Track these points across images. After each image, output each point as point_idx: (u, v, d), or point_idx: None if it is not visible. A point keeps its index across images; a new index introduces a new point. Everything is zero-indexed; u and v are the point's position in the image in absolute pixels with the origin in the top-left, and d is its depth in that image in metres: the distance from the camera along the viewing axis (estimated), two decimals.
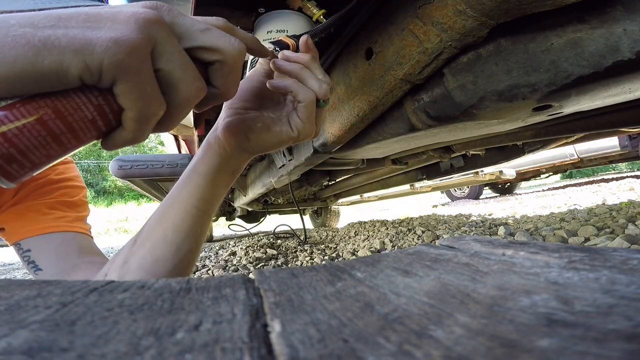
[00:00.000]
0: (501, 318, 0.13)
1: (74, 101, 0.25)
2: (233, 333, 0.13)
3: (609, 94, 0.50)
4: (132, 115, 0.27)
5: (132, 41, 0.24)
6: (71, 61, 0.23)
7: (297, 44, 0.44)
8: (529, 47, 0.45)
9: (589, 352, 0.10)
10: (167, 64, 0.27)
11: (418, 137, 0.78)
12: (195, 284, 0.21)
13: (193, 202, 0.41)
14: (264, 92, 0.43)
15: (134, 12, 0.25)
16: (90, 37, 0.24)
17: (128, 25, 0.24)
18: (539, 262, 0.19)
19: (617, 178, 4.59)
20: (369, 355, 0.11)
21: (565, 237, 1.28)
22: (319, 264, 0.26)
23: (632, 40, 0.40)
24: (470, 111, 0.57)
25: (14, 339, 0.13)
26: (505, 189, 5.02)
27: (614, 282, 0.15)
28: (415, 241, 1.77)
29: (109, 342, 0.13)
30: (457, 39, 0.48)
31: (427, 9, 0.47)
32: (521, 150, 1.35)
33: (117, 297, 0.18)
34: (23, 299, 0.18)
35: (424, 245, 0.29)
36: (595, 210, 1.85)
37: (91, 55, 0.23)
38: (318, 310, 0.15)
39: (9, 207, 0.55)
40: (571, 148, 3.87)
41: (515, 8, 0.41)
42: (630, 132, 1.18)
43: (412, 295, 0.17)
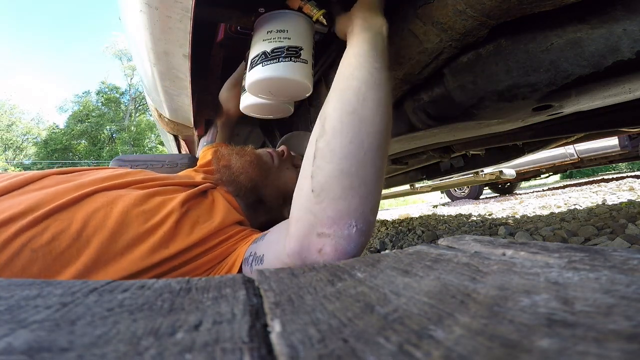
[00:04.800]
0: (501, 318, 0.13)
1: None
2: (233, 333, 0.13)
3: (609, 94, 0.50)
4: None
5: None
6: None
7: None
8: (529, 47, 0.45)
9: (589, 352, 0.10)
10: None
11: (418, 137, 0.78)
12: (195, 284, 0.21)
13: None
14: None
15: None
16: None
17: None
18: (539, 262, 0.19)
19: (617, 178, 4.59)
20: (369, 355, 0.11)
21: (565, 237, 1.28)
22: (319, 264, 0.26)
23: (632, 40, 0.40)
24: (470, 111, 0.57)
25: (14, 339, 0.13)
26: (505, 189, 5.02)
27: (614, 282, 0.15)
28: (415, 241, 1.77)
29: (109, 342, 0.13)
30: (457, 39, 0.48)
31: (427, 9, 0.47)
32: (521, 150, 1.35)
33: (117, 297, 0.18)
34: (23, 299, 0.18)
35: (424, 245, 0.29)
36: (595, 210, 1.85)
37: None
38: (318, 310, 0.15)
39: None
40: (571, 148, 3.87)
41: (515, 8, 0.41)
42: (630, 132, 1.18)
43: (412, 295, 0.17)
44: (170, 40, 0.50)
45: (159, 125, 1.20)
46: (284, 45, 0.52)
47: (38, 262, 0.38)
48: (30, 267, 0.37)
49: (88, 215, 0.42)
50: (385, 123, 0.39)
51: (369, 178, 0.38)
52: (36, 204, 0.41)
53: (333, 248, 0.37)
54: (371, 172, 0.38)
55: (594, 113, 0.81)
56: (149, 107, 1.87)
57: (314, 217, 0.38)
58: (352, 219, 0.37)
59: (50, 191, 0.45)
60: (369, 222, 0.38)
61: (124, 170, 0.57)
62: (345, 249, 0.37)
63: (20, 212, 0.40)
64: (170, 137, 1.40)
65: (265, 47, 0.52)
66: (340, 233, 0.37)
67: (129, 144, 19.98)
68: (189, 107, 0.77)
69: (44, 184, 0.48)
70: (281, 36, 0.52)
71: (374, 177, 0.38)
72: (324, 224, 0.37)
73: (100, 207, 0.44)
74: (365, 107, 0.39)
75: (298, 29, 0.53)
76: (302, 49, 0.52)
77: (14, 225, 0.38)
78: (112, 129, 21.21)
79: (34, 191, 0.45)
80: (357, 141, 0.38)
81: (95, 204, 0.44)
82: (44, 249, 0.38)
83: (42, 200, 0.42)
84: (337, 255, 0.37)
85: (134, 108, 22.16)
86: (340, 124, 0.38)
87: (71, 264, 0.39)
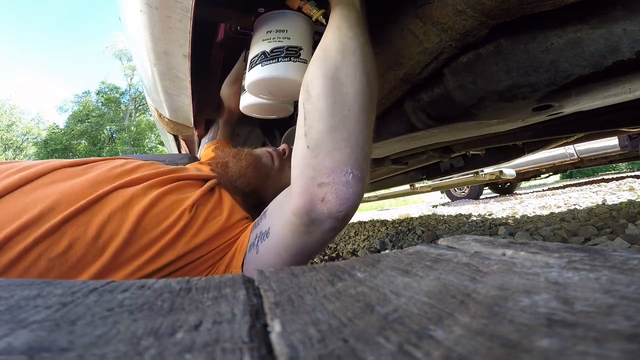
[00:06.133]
0: (501, 318, 0.13)
1: None
2: (233, 333, 0.13)
3: (609, 94, 0.50)
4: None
5: None
6: None
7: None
8: (529, 47, 0.45)
9: (589, 352, 0.10)
10: None
11: (418, 137, 0.78)
12: (195, 284, 0.21)
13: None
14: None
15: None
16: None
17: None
18: (539, 262, 0.19)
19: (617, 178, 4.59)
20: (369, 355, 0.11)
21: (565, 237, 1.28)
22: (319, 263, 0.25)
23: (632, 40, 0.40)
24: (470, 111, 0.57)
25: (14, 339, 0.13)
26: (505, 189, 5.02)
27: (614, 282, 0.15)
28: (415, 241, 1.77)
29: (109, 342, 0.13)
30: (457, 39, 0.48)
31: (427, 9, 0.47)
32: (521, 150, 1.35)
33: (117, 297, 0.18)
34: (23, 299, 0.18)
35: (424, 245, 0.29)
36: (595, 210, 1.85)
37: None
38: (318, 310, 0.15)
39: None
40: (571, 148, 3.86)
41: (515, 8, 0.41)
42: (630, 132, 1.18)
43: (412, 295, 0.17)
44: (170, 40, 0.50)
45: (159, 125, 1.20)
46: (283, 45, 0.52)
47: (54, 270, 0.38)
48: (46, 275, 0.38)
49: (104, 220, 0.43)
50: (364, 84, 0.43)
51: (357, 131, 0.41)
52: (51, 206, 0.41)
53: (334, 195, 0.40)
54: (358, 126, 0.41)
55: (594, 113, 0.81)
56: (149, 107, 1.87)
57: (313, 169, 0.41)
58: (348, 166, 0.40)
59: (65, 189, 0.44)
60: (363, 170, 0.41)
61: (136, 163, 0.57)
62: (345, 194, 0.40)
63: (35, 217, 0.39)
64: (170, 137, 1.40)
65: (264, 47, 0.52)
66: (339, 180, 0.40)
67: (129, 144, 19.97)
68: (189, 107, 0.77)
69: (55, 178, 0.47)
70: (281, 36, 0.52)
71: (362, 130, 0.42)
72: (322, 173, 0.40)
73: (117, 211, 0.44)
74: (342, 71, 0.42)
75: (297, 29, 0.53)
76: (302, 49, 0.52)
77: (31, 235, 0.38)
78: (112, 129, 21.20)
79: (46, 186, 0.45)
80: (340, 101, 0.41)
81: (111, 206, 0.45)
82: (60, 258, 0.39)
83: (58, 202, 0.42)
84: (339, 201, 0.40)
85: (134, 108, 22.15)
86: (323, 88, 0.42)
87: (86, 270, 0.39)
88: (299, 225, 0.42)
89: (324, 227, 0.42)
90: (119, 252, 0.41)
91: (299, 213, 0.41)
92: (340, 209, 0.40)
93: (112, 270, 0.41)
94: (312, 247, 0.44)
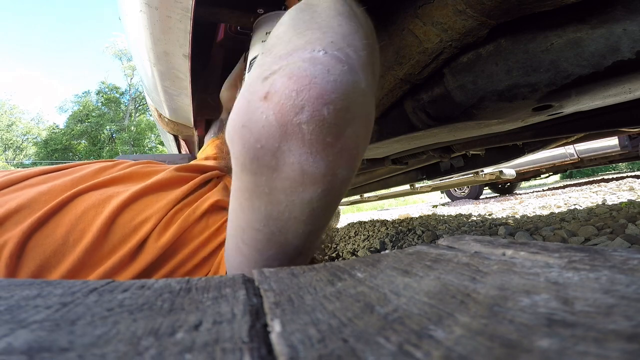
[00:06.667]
0: (501, 318, 0.13)
1: None
2: (233, 333, 0.13)
3: (609, 94, 0.50)
4: None
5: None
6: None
7: None
8: (529, 47, 0.45)
9: (589, 352, 0.10)
10: None
11: (418, 137, 0.78)
12: (195, 284, 0.21)
13: None
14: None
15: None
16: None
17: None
18: (539, 262, 0.19)
19: (617, 178, 4.58)
20: (369, 355, 0.11)
21: (565, 237, 1.28)
22: (319, 264, 0.25)
23: (632, 40, 0.40)
24: (470, 111, 0.57)
25: (14, 339, 0.13)
26: (505, 189, 5.02)
27: (614, 282, 0.15)
28: (415, 241, 1.77)
29: (109, 342, 0.13)
30: (457, 39, 0.48)
31: (427, 9, 0.47)
32: (521, 150, 1.35)
33: (117, 297, 0.18)
34: (23, 299, 0.18)
35: (424, 245, 0.29)
36: (595, 210, 1.85)
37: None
38: (318, 310, 0.15)
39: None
40: (571, 148, 3.87)
41: (515, 8, 0.41)
42: (630, 132, 1.18)
43: (412, 295, 0.17)
44: (170, 40, 0.50)
45: (159, 125, 1.20)
46: None
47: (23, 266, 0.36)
48: (16, 271, 0.36)
49: (76, 218, 0.40)
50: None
51: (334, 22, 0.28)
52: (27, 204, 0.40)
53: (286, 76, 0.24)
54: (336, 20, 0.28)
55: (594, 113, 0.81)
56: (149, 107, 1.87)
57: (260, 67, 0.26)
58: (317, 45, 0.25)
59: (44, 189, 0.43)
60: (347, 53, 0.25)
61: (127, 163, 0.54)
62: (306, 73, 0.23)
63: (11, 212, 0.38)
64: (170, 137, 1.40)
65: (263, 48, 0.52)
66: (298, 58, 0.24)
67: (129, 144, 19.97)
68: (189, 107, 0.77)
69: (38, 181, 0.46)
70: None
71: (342, 22, 0.29)
72: (272, 63, 0.25)
73: (91, 208, 0.42)
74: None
75: None
76: None
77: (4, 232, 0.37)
78: (112, 129, 21.20)
79: (26, 188, 0.44)
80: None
81: (85, 204, 0.42)
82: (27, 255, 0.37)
83: (35, 200, 0.41)
84: (292, 83, 0.23)
85: (134, 108, 22.15)
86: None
87: (55, 269, 0.37)
88: (242, 171, 0.27)
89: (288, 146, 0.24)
90: (90, 251, 0.38)
91: (230, 134, 0.26)
92: (299, 95, 0.22)
93: (82, 270, 0.38)
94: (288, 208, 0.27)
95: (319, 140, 0.24)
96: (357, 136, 0.26)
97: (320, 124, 0.23)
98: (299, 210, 0.27)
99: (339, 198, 0.29)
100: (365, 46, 0.28)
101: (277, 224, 0.28)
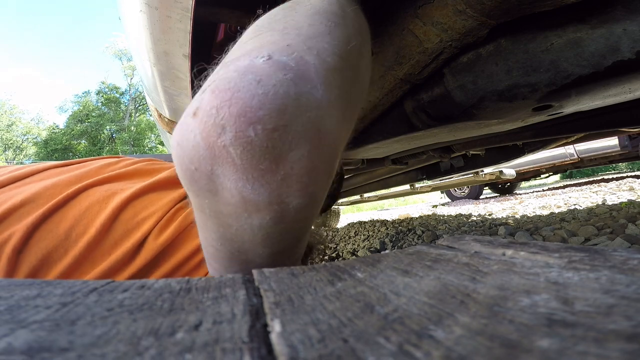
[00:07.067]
0: (501, 318, 0.13)
1: None
2: (233, 333, 0.13)
3: (609, 94, 0.50)
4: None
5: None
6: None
7: None
8: (529, 47, 0.45)
9: (589, 352, 0.10)
10: None
11: (418, 137, 0.78)
12: (195, 284, 0.21)
13: None
14: None
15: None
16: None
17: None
18: (539, 262, 0.19)
19: (617, 178, 4.59)
20: (369, 355, 0.11)
21: (565, 237, 1.28)
22: (319, 264, 0.25)
23: (632, 40, 0.40)
24: (470, 111, 0.57)
25: (14, 339, 0.13)
26: (505, 189, 5.02)
27: (614, 282, 0.15)
28: (415, 241, 1.77)
29: (109, 342, 0.13)
30: (457, 39, 0.48)
31: (427, 9, 0.47)
32: (521, 150, 1.35)
33: (117, 297, 0.18)
34: (23, 299, 0.18)
35: (424, 245, 0.29)
36: (595, 210, 1.85)
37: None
38: (318, 310, 0.15)
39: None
40: (571, 148, 3.87)
41: (515, 8, 0.41)
42: (630, 132, 1.18)
43: (412, 295, 0.17)
44: (170, 40, 0.50)
45: (159, 125, 1.20)
46: None
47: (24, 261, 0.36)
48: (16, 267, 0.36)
49: (80, 214, 0.40)
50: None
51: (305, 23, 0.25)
52: (31, 198, 0.40)
53: (210, 90, 0.21)
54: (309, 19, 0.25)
55: (594, 113, 0.81)
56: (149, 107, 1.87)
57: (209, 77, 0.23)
58: (265, 50, 0.22)
59: (49, 184, 0.43)
60: (302, 58, 0.22)
61: (130, 161, 0.54)
62: (229, 85, 0.20)
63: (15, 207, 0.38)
64: (170, 137, 1.40)
65: None
66: (233, 67, 0.21)
67: (129, 144, 19.97)
68: None
69: (43, 176, 0.46)
70: None
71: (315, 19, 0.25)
72: (215, 73, 0.23)
73: (94, 204, 0.42)
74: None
75: None
76: None
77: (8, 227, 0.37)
78: (112, 129, 21.21)
79: (32, 183, 0.44)
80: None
81: (89, 200, 0.42)
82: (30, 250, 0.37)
83: (39, 195, 0.41)
84: (214, 98, 0.20)
85: (134, 108, 22.15)
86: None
87: (56, 265, 0.37)
88: (187, 190, 0.24)
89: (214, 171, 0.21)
90: (92, 246, 0.38)
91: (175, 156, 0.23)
92: (219, 112, 0.19)
93: (84, 265, 0.38)
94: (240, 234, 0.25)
95: (252, 165, 0.20)
96: (309, 160, 0.21)
97: (249, 147, 0.20)
98: (251, 235, 0.24)
99: (300, 226, 0.26)
100: (337, 49, 0.25)
101: (234, 245, 0.26)
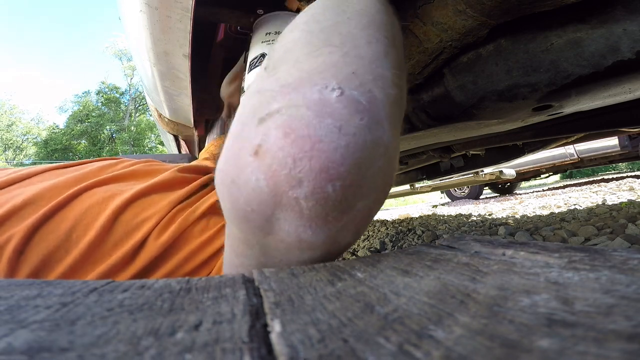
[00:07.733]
0: (501, 318, 0.13)
1: None
2: (233, 333, 0.13)
3: (609, 94, 0.50)
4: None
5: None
6: None
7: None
8: (529, 47, 0.45)
9: (589, 352, 0.10)
10: None
11: (418, 137, 0.78)
12: (195, 284, 0.21)
13: None
14: None
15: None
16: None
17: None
18: (539, 262, 0.19)
19: (617, 178, 4.59)
20: (369, 355, 0.11)
21: (565, 237, 1.28)
22: (319, 264, 0.25)
23: (632, 40, 0.40)
24: (470, 111, 0.57)
25: (14, 339, 0.13)
26: (505, 189, 5.02)
27: (614, 282, 0.15)
28: (415, 241, 1.77)
29: (109, 342, 0.13)
30: (457, 39, 0.48)
31: (427, 9, 0.47)
32: (521, 150, 1.35)
33: (117, 297, 0.18)
34: (23, 299, 0.18)
35: (424, 245, 0.29)
36: (595, 210, 1.85)
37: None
38: (318, 310, 0.15)
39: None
40: (571, 148, 3.87)
41: (515, 8, 0.41)
42: (630, 132, 1.18)
43: (412, 295, 0.17)
44: (170, 40, 0.51)
45: (159, 125, 1.20)
46: None
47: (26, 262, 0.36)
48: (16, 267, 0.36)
49: (81, 214, 0.40)
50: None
51: (361, 40, 0.22)
52: (32, 199, 0.40)
53: (281, 129, 0.18)
54: (364, 32, 0.23)
55: (594, 113, 0.81)
56: (149, 107, 1.87)
57: (259, 94, 0.21)
58: (331, 77, 0.20)
59: (49, 184, 0.43)
60: (371, 93, 0.20)
61: (130, 162, 0.54)
62: (308, 131, 0.18)
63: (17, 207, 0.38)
64: (170, 137, 1.40)
65: (263, 49, 0.52)
66: (302, 98, 0.19)
67: (129, 144, 19.98)
68: (189, 107, 0.77)
69: (44, 177, 0.46)
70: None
71: (371, 41, 0.23)
72: (271, 97, 0.20)
73: (95, 205, 0.41)
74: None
75: None
76: None
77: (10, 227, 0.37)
78: (112, 129, 21.22)
79: (33, 184, 0.44)
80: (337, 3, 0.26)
81: (89, 201, 0.42)
82: (31, 251, 0.37)
83: (40, 196, 0.41)
84: (289, 144, 0.18)
85: (134, 108, 22.15)
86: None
87: (57, 266, 0.37)
88: (232, 224, 0.23)
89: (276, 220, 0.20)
90: (93, 247, 0.38)
91: (220, 186, 0.22)
92: (296, 165, 0.18)
93: (84, 266, 0.37)
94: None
95: (320, 216, 0.20)
96: (371, 208, 0.21)
97: (323, 202, 0.19)
98: (295, 264, 0.24)
99: (340, 255, 0.26)
100: (395, 78, 0.22)
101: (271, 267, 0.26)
